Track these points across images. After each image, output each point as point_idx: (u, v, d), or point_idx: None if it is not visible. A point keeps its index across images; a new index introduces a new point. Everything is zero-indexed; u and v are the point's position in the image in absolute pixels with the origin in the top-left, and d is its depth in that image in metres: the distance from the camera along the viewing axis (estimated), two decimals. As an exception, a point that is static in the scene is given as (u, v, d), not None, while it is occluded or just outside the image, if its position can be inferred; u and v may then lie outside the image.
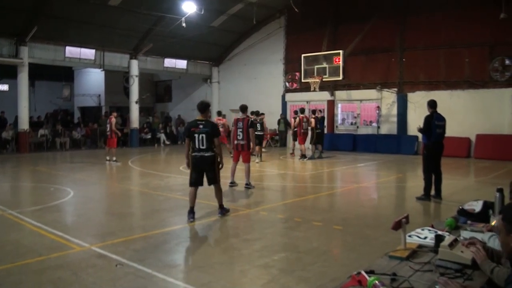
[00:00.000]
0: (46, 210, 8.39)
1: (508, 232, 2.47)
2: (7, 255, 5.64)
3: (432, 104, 9.43)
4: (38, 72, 26.09)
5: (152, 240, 6.34)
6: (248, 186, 10.94)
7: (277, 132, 24.79)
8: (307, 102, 24.45)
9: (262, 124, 18.46)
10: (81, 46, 22.88)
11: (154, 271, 5.02)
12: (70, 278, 4.85)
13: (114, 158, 16.59)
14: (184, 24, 20.91)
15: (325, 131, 21.55)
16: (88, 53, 23.33)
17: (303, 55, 21.18)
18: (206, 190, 10.81)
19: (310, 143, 18.68)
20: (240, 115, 11.44)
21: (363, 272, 2.48)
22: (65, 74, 31.19)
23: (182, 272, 5.14)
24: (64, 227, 7.13)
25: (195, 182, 7.59)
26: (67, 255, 5.69)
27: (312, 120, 18.06)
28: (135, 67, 25.12)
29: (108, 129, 16.74)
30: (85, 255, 5.68)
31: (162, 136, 27.02)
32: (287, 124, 23.73)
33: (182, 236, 6.73)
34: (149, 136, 27.23)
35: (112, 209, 9.12)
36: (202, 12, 21.23)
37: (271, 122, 24.80)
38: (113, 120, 16.56)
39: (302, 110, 18.58)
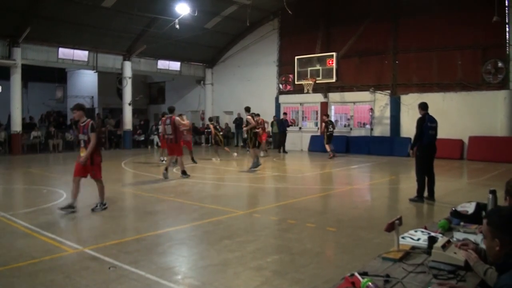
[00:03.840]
0: (39, 213, 8.34)
1: (493, 237, 2.48)
2: (-1, 258, 5.61)
3: (424, 106, 9.47)
4: (31, 74, 25.95)
5: (145, 243, 6.32)
6: (96, 208, 8.68)
7: (271, 134, 24.79)
8: (300, 104, 24.53)
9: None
10: (74, 48, 22.83)
11: (147, 274, 5.00)
12: (63, 281, 4.82)
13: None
14: (177, 26, 20.86)
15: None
16: (81, 54, 23.27)
17: (296, 57, 21.20)
18: (199, 192, 10.82)
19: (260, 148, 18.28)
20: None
21: (356, 274, 2.48)
22: (58, 75, 31.07)
23: (175, 274, 5.11)
24: (57, 230, 7.08)
25: None
26: (60, 257, 5.66)
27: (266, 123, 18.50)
28: (128, 69, 25.07)
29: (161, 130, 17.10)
30: (78, 257, 5.65)
31: (156, 138, 26.90)
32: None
33: (175, 238, 6.70)
34: (142, 138, 27.14)
35: (105, 211, 9.06)
36: (196, 14, 21.21)
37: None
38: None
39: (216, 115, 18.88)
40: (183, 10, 20.84)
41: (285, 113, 23.47)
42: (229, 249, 6.02)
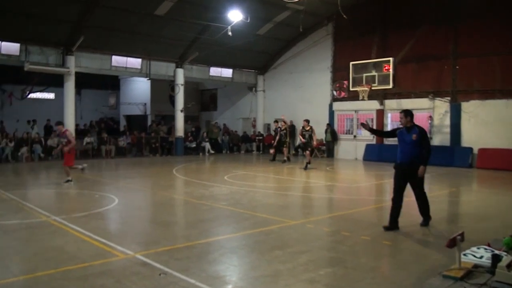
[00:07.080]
0: (91, 217, 8.44)
1: None
2: (50, 260, 5.67)
3: (412, 115, 8.40)
4: (84, 81, 26.67)
5: (196, 250, 6.25)
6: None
7: (324, 142, 24.45)
8: (355, 111, 24.05)
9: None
10: (127, 55, 23.42)
11: (198, 282, 4.92)
12: (113, 286, 4.82)
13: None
14: (230, 33, 20.98)
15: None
16: (134, 62, 23.82)
17: (351, 62, 20.75)
18: (251, 201, 10.69)
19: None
20: None
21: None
22: (111, 82, 31.97)
23: (226, 284, 4.99)
24: (108, 234, 7.15)
25: None
26: (111, 262, 5.68)
27: None
28: (180, 76, 25.44)
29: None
30: (129, 262, 5.65)
31: (207, 145, 27.13)
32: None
33: (226, 247, 6.59)
34: (193, 145, 27.38)
35: (156, 217, 9.13)
36: (248, 21, 21.26)
37: (318, 132, 24.50)
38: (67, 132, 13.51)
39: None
40: (235, 17, 20.95)
41: (276, 121, 22.70)
42: (281, 260, 5.84)
